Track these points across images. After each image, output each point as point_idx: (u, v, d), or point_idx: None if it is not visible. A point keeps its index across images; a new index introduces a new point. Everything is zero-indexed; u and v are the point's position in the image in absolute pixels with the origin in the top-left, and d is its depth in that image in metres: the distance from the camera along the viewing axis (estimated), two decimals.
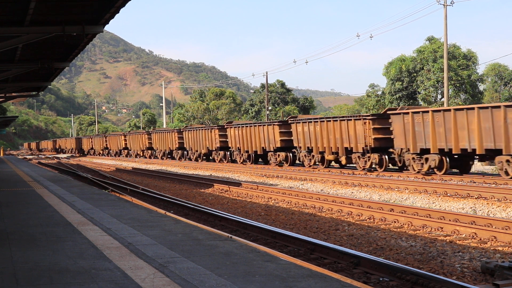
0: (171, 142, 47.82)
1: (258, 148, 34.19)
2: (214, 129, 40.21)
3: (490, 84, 61.29)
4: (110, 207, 11.60)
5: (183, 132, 45.48)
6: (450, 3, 37.82)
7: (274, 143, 32.48)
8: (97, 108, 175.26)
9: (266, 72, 71.28)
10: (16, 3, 11.37)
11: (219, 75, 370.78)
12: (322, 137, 28.25)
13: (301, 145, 29.76)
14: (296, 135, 30.10)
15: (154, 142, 51.65)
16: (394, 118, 23.90)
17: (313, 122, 29.06)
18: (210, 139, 40.93)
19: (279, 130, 32.10)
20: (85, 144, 77.50)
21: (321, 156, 28.86)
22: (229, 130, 37.45)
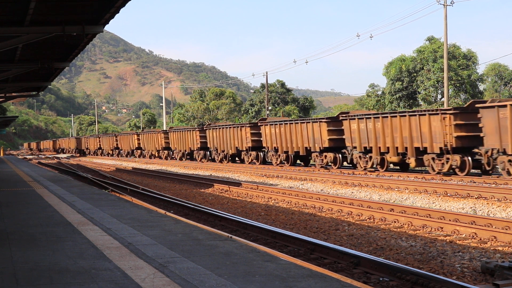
0: (192, 142, 43.70)
1: (301, 149, 30.03)
2: (245, 126, 35.81)
3: (490, 84, 61.30)
4: (110, 207, 11.60)
5: (206, 130, 41.00)
6: (450, 3, 37.85)
7: (320, 142, 28.45)
8: (97, 108, 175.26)
9: (266, 72, 71.35)
10: (16, 3, 11.37)
11: (219, 75, 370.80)
12: (384, 135, 24.50)
13: (356, 144, 25.81)
14: (350, 133, 26.18)
15: (172, 142, 47.79)
16: (485, 113, 20.17)
17: (373, 119, 25.19)
18: (239, 138, 36.23)
19: (328, 128, 27.95)
20: (91, 143, 75.48)
21: (380, 158, 25.08)
22: (264, 128, 33.11)
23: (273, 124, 32.64)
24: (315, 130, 28.88)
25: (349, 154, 27.02)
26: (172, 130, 47.97)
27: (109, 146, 66.11)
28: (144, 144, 54.07)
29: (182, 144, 45.45)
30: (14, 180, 21.21)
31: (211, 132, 39.87)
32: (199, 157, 42.64)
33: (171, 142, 47.32)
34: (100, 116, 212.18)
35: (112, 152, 65.00)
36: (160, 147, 49.73)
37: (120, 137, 62.69)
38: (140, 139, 55.88)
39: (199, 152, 42.69)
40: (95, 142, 72.17)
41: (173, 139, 47.31)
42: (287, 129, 30.84)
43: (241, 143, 36.16)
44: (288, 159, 31.54)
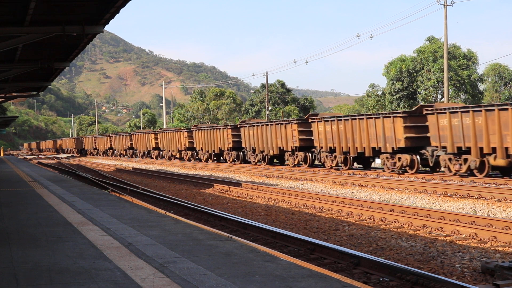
0: (222, 141, 40.11)
1: (367, 148, 25.31)
2: (291, 123, 31.35)
3: (490, 84, 61.28)
4: (110, 207, 11.60)
5: (240, 128, 37.03)
6: (450, 3, 37.84)
7: (394, 141, 23.77)
8: (97, 108, 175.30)
9: (266, 72, 71.34)
10: (16, 3, 11.37)
11: (219, 75, 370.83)
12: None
13: (447, 144, 21.25)
14: (437, 130, 21.75)
15: (197, 142, 43.00)
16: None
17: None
18: (283, 137, 32.20)
19: (404, 124, 23.40)
20: (100, 143, 71.58)
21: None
22: (316, 125, 28.96)
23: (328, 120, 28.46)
24: (387, 127, 25.03)
25: (430, 155, 24.26)
26: (197, 129, 42.63)
27: (121, 146, 62.19)
28: (163, 144, 49.89)
29: (210, 144, 40.77)
30: (14, 180, 21.21)
31: (247, 130, 35.51)
32: (231, 158, 38.35)
33: (197, 142, 42.47)
34: (100, 116, 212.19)
35: (126, 152, 60.91)
36: (182, 147, 45.45)
37: (135, 137, 57.85)
38: (158, 139, 51.39)
39: (231, 152, 38.42)
40: (105, 142, 68.14)
41: (199, 138, 42.21)
42: (349, 126, 26.55)
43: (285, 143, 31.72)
44: (347, 161, 27.24)
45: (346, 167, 26.69)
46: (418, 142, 23.46)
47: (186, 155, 45.06)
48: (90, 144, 75.40)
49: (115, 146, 63.93)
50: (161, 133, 49.71)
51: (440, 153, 21.92)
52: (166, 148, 48.11)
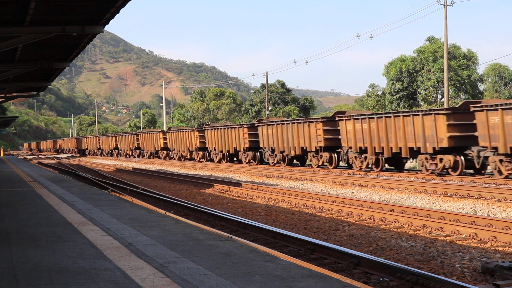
0: (237, 141, 37.87)
1: (403, 148, 23.50)
2: (315, 122, 29.54)
3: (490, 84, 61.27)
4: (110, 207, 11.60)
5: (258, 127, 34.95)
6: (450, 3, 37.84)
7: (435, 141, 21.83)
8: (97, 108, 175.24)
9: (266, 72, 71.33)
10: (16, 3, 11.37)
11: (219, 75, 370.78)
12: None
13: (499, 144, 19.31)
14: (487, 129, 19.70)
15: (210, 141, 40.53)
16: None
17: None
18: (306, 136, 30.24)
19: (446, 123, 21.50)
20: (105, 143, 69.62)
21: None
22: (344, 124, 27.06)
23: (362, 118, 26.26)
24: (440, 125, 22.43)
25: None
26: (210, 128, 40.54)
27: (127, 146, 60.91)
28: (172, 144, 48.09)
29: (223, 144, 38.94)
30: (14, 180, 21.21)
31: (266, 129, 33.86)
32: (247, 158, 36.70)
33: (209, 141, 40.62)
34: (100, 116, 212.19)
35: (132, 152, 59.82)
36: (193, 147, 43.68)
37: (142, 136, 56.54)
38: (167, 138, 49.73)
39: (247, 153, 36.75)
40: (111, 142, 67.00)
41: (212, 138, 40.51)
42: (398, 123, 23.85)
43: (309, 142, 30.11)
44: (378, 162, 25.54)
45: (378, 168, 25.05)
46: (462, 141, 21.59)
47: (197, 155, 43.55)
48: (94, 144, 73.97)
49: (121, 146, 62.79)
50: (170, 132, 48.67)
51: (489, 154, 20.12)
52: (176, 149, 46.89)
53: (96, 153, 70.46)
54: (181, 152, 46.06)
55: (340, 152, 27.85)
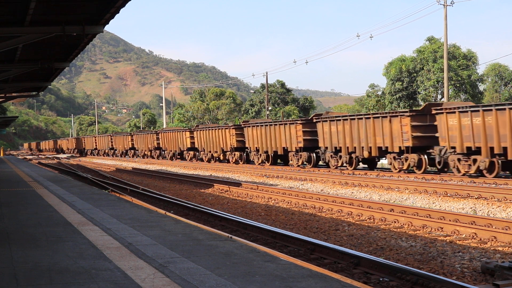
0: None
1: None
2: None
3: (490, 84, 61.29)
4: (110, 207, 11.60)
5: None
6: (450, 3, 37.86)
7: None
8: (97, 108, 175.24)
9: (266, 72, 71.34)
10: (16, 3, 11.37)
11: (219, 75, 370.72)
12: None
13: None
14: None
15: (250, 140, 35.54)
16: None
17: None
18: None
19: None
20: (119, 143, 64.43)
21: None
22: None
23: None
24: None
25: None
26: (248, 125, 36.12)
27: (145, 145, 55.56)
28: (201, 143, 42.53)
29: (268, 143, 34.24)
30: (14, 180, 21.21)
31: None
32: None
33: (249, 140, 35.59)
34: (100, 116, 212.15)
35: (151, 153, 54.71)
36: (229, 147, 38.32)
37: (162, 135, 51.04)
38: (195, 137, 44.05)
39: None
40: (126, 141, 61.51)
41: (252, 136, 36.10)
42: None
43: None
44: None
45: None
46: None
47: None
48: (105, 143, 70.02)
49: (138, 146, 58.12)
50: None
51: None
52: (206, 149, 42.05)
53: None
54: (212, 153, 41.24)
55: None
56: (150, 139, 53.67)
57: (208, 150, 41.22)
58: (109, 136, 68.03)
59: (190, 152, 44.77)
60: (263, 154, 33.92)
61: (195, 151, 44.61)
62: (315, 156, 29.86)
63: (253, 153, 35.06)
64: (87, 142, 78.16)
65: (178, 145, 46.52)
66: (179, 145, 46.41)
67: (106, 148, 67.61)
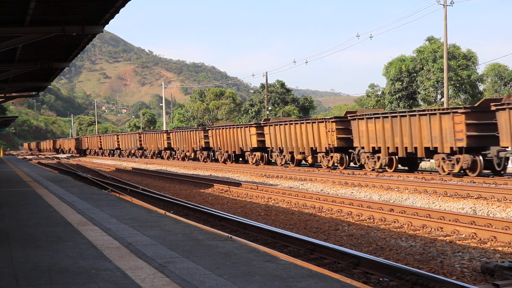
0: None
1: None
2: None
3: (490, 84, 61.26)
4: (110, 207, 11.60)
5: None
6: (450, 3, 37.88)
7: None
8: (97, 108, 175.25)
9: (266, 72, 71.36)
10: (16, 3, 11.37)
11: (219, 75, 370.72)
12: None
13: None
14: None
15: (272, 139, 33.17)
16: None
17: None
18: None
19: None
20: (125, 142, 60.76)
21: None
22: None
23: None
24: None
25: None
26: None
27: (155, 145, 51.95)
28: (217, 142, 39.67)
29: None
30: (14, 180, 21.21)
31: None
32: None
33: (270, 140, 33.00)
34: (100, 116, 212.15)
35: (161, 154, 51.58)
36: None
37: (174, 135, 47.44)
38: (209, 136, 40.90)
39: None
40: (133, 141, 58.05)
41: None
42: None
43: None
44: None
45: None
46: None
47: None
48: (111, 143, 66.09)
49: (147, 146, 54.56)
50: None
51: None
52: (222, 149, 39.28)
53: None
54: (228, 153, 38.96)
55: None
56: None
57: (224, 149, 38.36)
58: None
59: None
60: (287, 155, 31.79)
61: (209, 150, 42.02)
62: (347, 157, 27.61)
63: (275, 153, 32.98)
64: (104, 141, 70.30)
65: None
66: (192, 145, 43.54)
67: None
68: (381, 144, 24.58)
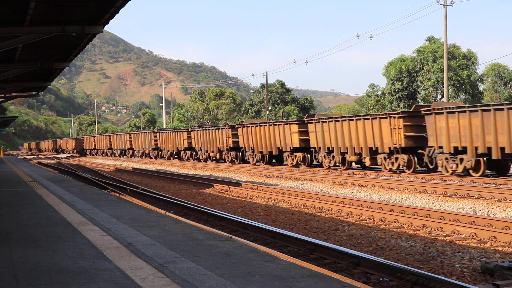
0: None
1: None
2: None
3: (490, 84, 61.30)
4: (110, 207, 11.60)
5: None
6: (450, 3, 37.88)
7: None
8: (97, 108, 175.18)
9: (266, 72, 71.34)
10: (16, 3, 11.37)
11: (219, 75, 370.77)
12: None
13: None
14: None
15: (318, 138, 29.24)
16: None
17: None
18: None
19: None
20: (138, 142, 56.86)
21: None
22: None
23: None
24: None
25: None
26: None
27: (174, 145, 47.80)
28: (248, 141, 35.84)
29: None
30: (14, 180, 21.21)
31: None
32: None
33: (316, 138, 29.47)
34: (100, 116, 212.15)
35: (180, 154, 47.62)
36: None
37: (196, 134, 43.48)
38: (241, 134, 36.71)
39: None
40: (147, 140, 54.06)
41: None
42: None
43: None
44: None
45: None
46: None
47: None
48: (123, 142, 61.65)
49: (162, 146, 50.76)
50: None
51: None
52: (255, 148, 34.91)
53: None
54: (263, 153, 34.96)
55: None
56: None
57: (258, 150, 34.58)
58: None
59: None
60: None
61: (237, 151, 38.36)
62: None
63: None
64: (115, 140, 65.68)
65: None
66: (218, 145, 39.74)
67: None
68: (467, 143, 20.77)
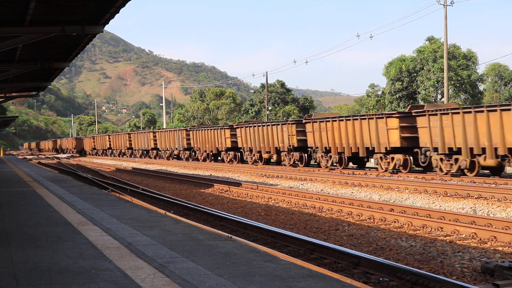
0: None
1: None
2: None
3: (490, 84, 61.24)
4: (110, 207, 11.60)
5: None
6: (450, 3, 37.85)
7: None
8: (97, 108, 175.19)
9: (266, 72, 71.34)
10: (16, 3, 11.37)
11: (219, 75, 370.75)
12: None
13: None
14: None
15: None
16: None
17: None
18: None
19: None
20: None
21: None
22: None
23: None
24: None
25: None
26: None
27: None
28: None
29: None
30: (14, 180, 21.21)
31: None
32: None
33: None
34: (100, 116, 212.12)
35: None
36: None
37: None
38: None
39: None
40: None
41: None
42: None
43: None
44: None
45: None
46: None
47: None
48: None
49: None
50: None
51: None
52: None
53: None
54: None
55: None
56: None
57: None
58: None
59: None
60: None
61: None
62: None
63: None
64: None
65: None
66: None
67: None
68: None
